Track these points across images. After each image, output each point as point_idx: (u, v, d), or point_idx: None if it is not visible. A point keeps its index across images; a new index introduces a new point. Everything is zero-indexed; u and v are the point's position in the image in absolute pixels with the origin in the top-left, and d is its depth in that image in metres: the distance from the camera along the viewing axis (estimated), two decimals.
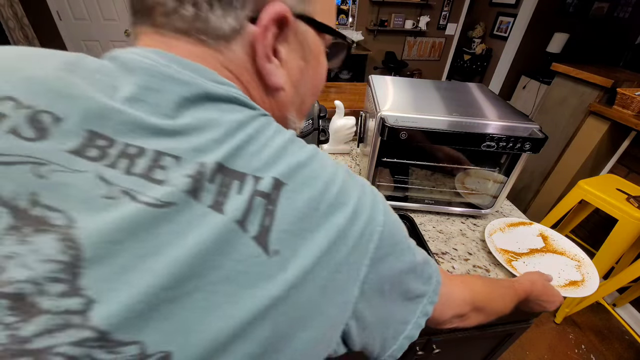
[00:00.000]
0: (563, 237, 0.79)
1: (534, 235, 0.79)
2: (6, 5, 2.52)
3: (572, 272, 0.69)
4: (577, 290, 0.65)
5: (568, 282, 0.67)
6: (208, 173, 0.22)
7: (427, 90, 0.89)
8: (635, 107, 1.48)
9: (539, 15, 3.33)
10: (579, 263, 0.72)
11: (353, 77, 3.99)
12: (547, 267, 0.70)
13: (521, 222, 0.83)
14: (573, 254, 0.74)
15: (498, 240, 0.77)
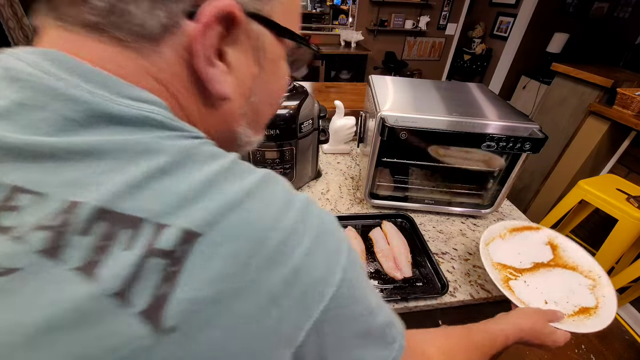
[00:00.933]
0: (576, 245, 0.65)
1: (541, 244, 0.66)
2: (6, 5, 2.52)
3: (585, 294, 0.56)
4: (587, 321, 0.52)
5: (578, 309, 0.54)
6: (81, 220, 0.16)
7: (427, 90, 0.89)
8: (635, 107, 1.48)
9: (539, 15, 3.33)
10: (594, 282, 0.58)
11: (353, 77, 3.99)
12: (555, 288, 0.57)
13: (526, 226, 0.69)
14: (588, 269, 0.60)
15: (496, 250, 0.64)
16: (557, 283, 0.58)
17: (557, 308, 0.52)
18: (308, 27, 3.93)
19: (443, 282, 0.66)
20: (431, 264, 0.71)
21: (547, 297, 0.54)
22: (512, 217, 0.91)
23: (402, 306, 0.63)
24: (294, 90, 0.83)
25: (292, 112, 0.78)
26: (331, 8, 3.89)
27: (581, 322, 0.51)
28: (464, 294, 0.66)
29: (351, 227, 0.78)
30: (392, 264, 0.69)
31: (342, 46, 3.88)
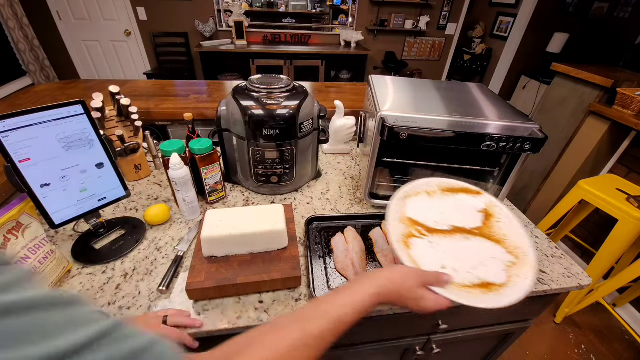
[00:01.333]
0: (515, 219, 0.56)
1: (473, 210, 0.57)
2: (6, 5, 2.52)
3: (496, 269, 0.48)
4: (483, 296, 0.43)
5: (479, 282, 0.45)
6: None
7: (427, 90, 0.89)
8: (635, 107, 1.48)
9: (539, 15, 3.33)
10: (515, 260, 0.49)
11: (353, 77, 3.99)
12: (464, 256, 0.49)
13: (464, 188, 0.59)
14: (514, 246, 0.51)
15: (415, 206, 0.54)
16: (470, 252, 0.50)
17: (455, 276, 0.45)
18: (308, 27, 3.93)
19: None
20: None
21: (448, 262, 0.45)
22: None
23: None
24: (294, 90, 0.83)
25: (292, 112, 0.78)
26: (331, 8, 3.89)
27: (474, 295, 0.43)
28: None
29: (351, 227, 0.78)
30: (392, 264, 0.69)
31: (342, 46, 3.88)
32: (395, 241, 0.46)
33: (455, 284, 0.44)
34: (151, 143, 1.02)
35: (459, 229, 0.53)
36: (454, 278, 0.43)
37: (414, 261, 0.46)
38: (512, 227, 0.54)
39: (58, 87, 1.48)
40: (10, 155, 0.54)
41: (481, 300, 0.42)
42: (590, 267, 1.42)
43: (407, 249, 0.47)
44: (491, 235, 0.53)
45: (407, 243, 0.48)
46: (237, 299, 0.61)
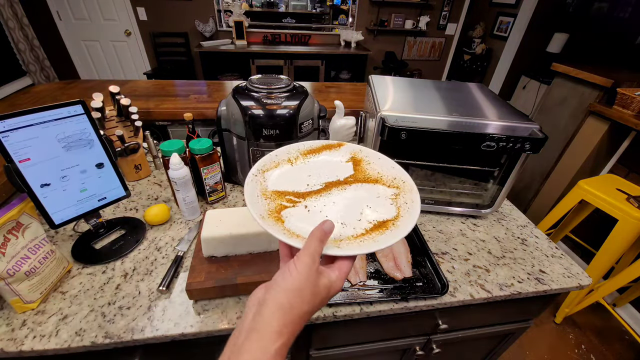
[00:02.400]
0: (383, 155, 0.53)
1: (341, 162, 0.53)
2: (6, 5, 2.52)
3: (385, 205, 0.45)
4: (380, 237, 0.39)
5: (372, 225, 0.42)
6: None
7: (427, 90, 0.89)
8: (635, 107, 1.48)
9: (539, 15, 3.33)
10: (398, 190, 0.47)
11: (353, 77, 3.99)
12: (345, 207, 0.45)
13: (325, 145, 0.55)
14: (392, 178, 0.49)
15: (278, 177, 0.49)
16: (352, 201, 0.46)
17: (346, 230, 0.41)
18: (308, 27, 3.93)
19: (443, 282, 0.66)
20: (431, 264, 0.71)
21: (333, 219, 0.41)
22: (512, 217, 0.91)
23: (402, 306, 0.63)
24: (294, 90, 0.83)
25: (292, 112, 0.78)
26: (331, 8, 3.89)
27: (374, 239, 0.39)
28: (464, 294, 0.66)
29: None
30: (392, 264, 0.69)
31: (342, 46, 3.88)
32: (259, 221, 0.38)
33: (349, 237, 0.40)
34: (151, 143, 1.02)
35: (332, 183, 0.49)
36: (332, 223, 0.37)
37: (292, 234, 0.39)
38: (383, 163, 0.51)
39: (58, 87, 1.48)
40: (10, 155, 0.54)
41: (383, 240, 0.38)
42: (590, 267, 1.42)
43: (280, 223, 0.41)
44: (367, 178, 0.50)
45: (280, 217, 0.42)
46: (237, 299, 0.61)
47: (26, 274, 0.55)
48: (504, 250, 0.79)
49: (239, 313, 0.59)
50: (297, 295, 0.32)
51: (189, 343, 0.61)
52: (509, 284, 0.69)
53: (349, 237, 0.40)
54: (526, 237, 0.84)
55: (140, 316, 0.57)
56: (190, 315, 0.58)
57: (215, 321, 0.57)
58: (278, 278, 0.34)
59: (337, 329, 0.69)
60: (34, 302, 0.57)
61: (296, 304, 0.32)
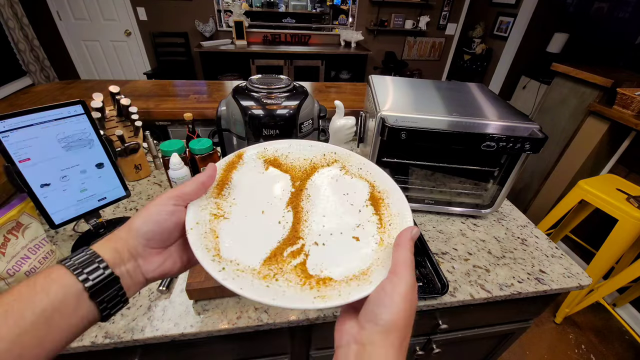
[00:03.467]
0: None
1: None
2: (6, 5, 2.52)
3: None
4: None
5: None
6: None
7: (427, 90, 0.89)
8: (635, 107, 1.48)
9: (539, 15, 3.32)
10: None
11: (353, 77, 3.99)
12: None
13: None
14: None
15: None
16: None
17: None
18: (308, 27, 3.93)
19: (443, 282, 0.66)
20: (431, 264, 0.71)
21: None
22: (512, 217, 0.91)
23: None
24: (294, 90, 0.83)
25: (292, 112, 0.78)
26: (331, 8, 3.89)
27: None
28: (464, 294, 0.66)
29: None
30: None
31: (342, 46, 3.88)
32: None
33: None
34: (151, 143, 1.02)
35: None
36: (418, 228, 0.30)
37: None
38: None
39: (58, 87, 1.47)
40: (10, 155, 0.54)
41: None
42: (590, 267, 1.42)
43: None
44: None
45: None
46: (237, 299, 0.61)
47: (26, 274, 0.55)
48: (504, 250, 0.79)
49: (238, 313, 0.59)
50: (408, 326, 0.25)
51: (189, 343, 0.61)
52: (509, 284, 0.69)
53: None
54: (526, 237, 0.84)
55: (140, 316, 0.57)
56: (190, 315, 0.58)
57: (215, 321, 0.57)
58: (378, 310, 0.25)
59: None
60: None
61: (408, 335, 0.26)
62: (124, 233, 0.28)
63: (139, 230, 0.28)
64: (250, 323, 0.57)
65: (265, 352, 0.71)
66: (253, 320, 0.58)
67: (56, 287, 0.24)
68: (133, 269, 0.28)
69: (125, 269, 0.28)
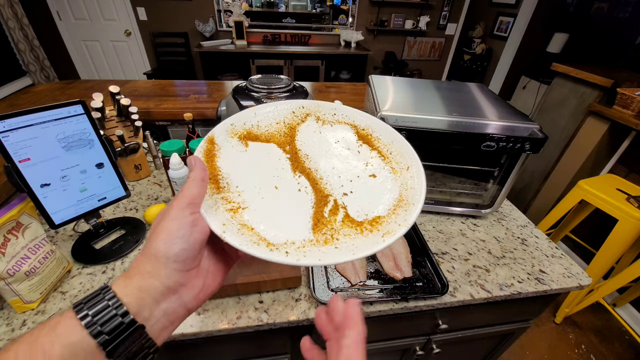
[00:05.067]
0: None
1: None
2: (6, 5, 2.52)
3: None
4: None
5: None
6: None
7: (427, 90, 0.89)
8: (635, 107, 1.48)
9: (539, 15, 3.33)
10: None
11: (353, 77, 3.99)
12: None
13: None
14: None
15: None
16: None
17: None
18: (308, 27, 3.93)
19: (443, 282, 0.66)
20: (431, 264, 0.71)
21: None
22: (512, 217, 0.91)
23: (402, 306, 0.63)
24: (294, 90, 0.83)
25: None
26: (331, 8, 3.89)
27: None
28: (464, 294, 0.66)
29: None
30: (392, 264, 0.69)
31: (342, 46, 3.88)
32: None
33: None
34: (151, 143, 1.02)
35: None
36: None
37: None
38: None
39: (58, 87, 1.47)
40: (10, 155, 0.54)
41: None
42: (590, 267, 1.42)
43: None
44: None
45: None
46: (237, 299, 0.61)
47: (26, 274, 0.55)
48: (504, 250, 0.79)
49: (238, 313, 0.59)
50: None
51: (189, 343, 0.61)
52: (509, 284, 0.69)
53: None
54: (526, 237, 0.84)
55: None
56: (190, 315, 0.58)
57: (215, 321, 0.57)
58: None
59: None
60: (34, 302, 0.57)
61: None
62: (149, 265, 0.23)
63: (168, 255, 0.23)
64: (250, 323, 0.57)
65: (265, 352, 0.71)
66: (253, 320, 0.58)
67: (59, 347, 0.19)
68: (172, 305, 0.24)
69: (162, 309, 0.23)
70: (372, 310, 0.62)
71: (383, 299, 0.63)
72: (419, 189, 0.30)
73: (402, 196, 0.31)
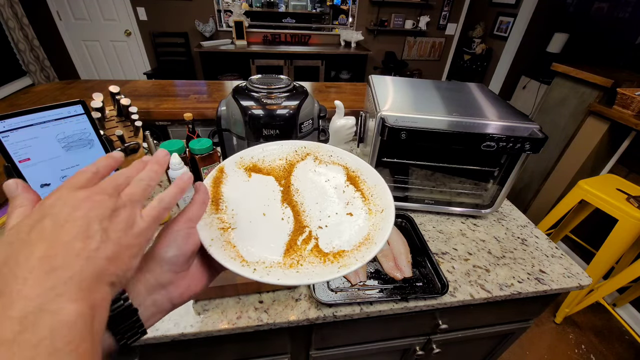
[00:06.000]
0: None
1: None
2: (6, 5, 2.52)
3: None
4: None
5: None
6: None
7: (427, 90, 0.89)
8: (635, 107, 1.48)
9: (539, 15, 3.33)
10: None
11: (353, 77, 3.99)
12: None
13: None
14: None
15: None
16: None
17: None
18: (308, 27, 3.93)
19: (443, 282, 0.66)
20: (431, 264, 0.71)
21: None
22: (512, 217, 0.91)
23: (402, 306, 0.63)
24: (294, 90, 0.83)
25: (292, 112, 0.78)
26: (331, 8, 3.89)
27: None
28: (464, 294, 0.66)
29: None
30: (392, 264, 0.69)
31: (342, 46, 3.88)
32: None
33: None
34: (151, 143, 1.02)
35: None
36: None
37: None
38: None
39: (58, 87, 1.47)
40: (10, 155, 0.54)
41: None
42: (590, 267, 1.42)
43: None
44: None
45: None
46: (237, 299, 0.61)
47: None
48: (504, 250, 0.79)
49: (239, 313, 0.59)
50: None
51: (189, 343, 0.61)
52: (509, 284, 0.69)
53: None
54: (526, 237, 0.84)
55: None
56: (190, 315, 0.58)
57: (215, 321, 0.57)
58: None
59: (337, 329, 0.69)
60: None
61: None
62: (148, 263, 0.28)
63: (163, 258, 0.28)
64: (250, 323, 0.57)
65: (265, 352, 0.72)
66: (253, 320, 0.58)
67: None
68: (161, 298, 0.29)
69: (152, 299, 0.28)
70: (372, 310, 0.62)
71: (383, 299, 0.63)
72: (385, 230, 0.34)
73: (369, 235, 0.35)
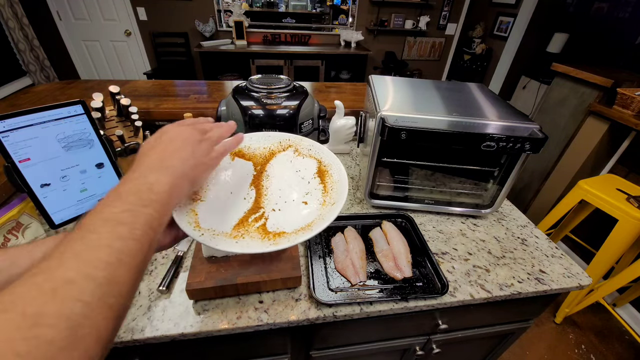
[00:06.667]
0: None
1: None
2: (6, 5, 2.52)
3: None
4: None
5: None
6: None
7: (427, 90, 0.89)
8: (635, 107, 1.48)
9: (539, 15, 3.33)
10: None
11: (353, 77, 3.99)
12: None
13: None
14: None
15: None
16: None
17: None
18: (308, 27, 3.93)
19: (443, 282, 0.66)
20: (431, 264, 0.71)
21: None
22: (512, 217, 0.91)
23: (402, 306, 0.63)
24: (294, 90, 0.83)
25: (292, 112, 0.78)
26: (331, 8, 3.89)
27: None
28: (464, 294, 0.66)
29: (351, 227, 0.78)
30: (392, 264, 0.69)
31: (342, 46, 3.88)
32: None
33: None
34: None
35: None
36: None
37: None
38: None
39: (58, 87, 1.47)
40: (10, 155, 0.54)
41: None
42: (590, 267, 1.42)
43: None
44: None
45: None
46: (237, 299, 0.61)
47: None
48: (504, 250, 0.79)
49: (239, 313, 0.59)
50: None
51: (189, 343, 0.61)
52: (509, 284, 0.69)
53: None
54: (526, 237, 0.84)
55: (140, 316, 0.57)
56: (190, 315, 0.58)
57: (215, 321, 0.57)
58: None
59: (337, 329, 0.69)
60: None
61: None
62: None
63: None
64: (250, 323, 0.57)
65: (265, 352, 0.71)
66: (253, 320, 0.58)
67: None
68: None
69: None
70: (372, 310, 0.62)
71: (383, 299, 0.63)
72: (327, 220, 0.38)
73: (312, 222, 0.39)
